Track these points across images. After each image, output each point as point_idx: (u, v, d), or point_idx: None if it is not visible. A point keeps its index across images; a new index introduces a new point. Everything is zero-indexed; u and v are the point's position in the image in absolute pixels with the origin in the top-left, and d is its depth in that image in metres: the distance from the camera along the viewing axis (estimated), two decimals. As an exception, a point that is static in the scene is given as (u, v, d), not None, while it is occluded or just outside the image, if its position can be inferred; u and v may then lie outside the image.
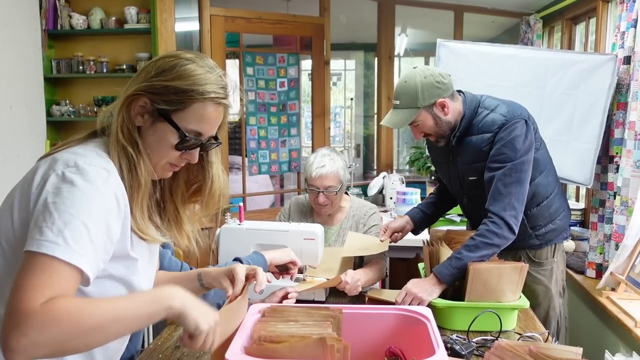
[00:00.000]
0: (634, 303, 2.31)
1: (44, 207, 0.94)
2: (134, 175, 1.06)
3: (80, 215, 0.93)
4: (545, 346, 1.29)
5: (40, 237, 0.90)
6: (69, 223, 0.92)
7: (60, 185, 0.96)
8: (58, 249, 0.89)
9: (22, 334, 0.83)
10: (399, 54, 5.81)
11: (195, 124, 1.09)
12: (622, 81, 2.53)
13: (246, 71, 3.93)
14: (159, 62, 1.10)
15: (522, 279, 1.78)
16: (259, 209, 4.53)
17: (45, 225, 0.91)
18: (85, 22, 3.59)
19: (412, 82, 1.92)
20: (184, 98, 1.07)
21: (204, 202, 1.22)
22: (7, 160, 3.02)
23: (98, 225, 0.96)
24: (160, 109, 1.07)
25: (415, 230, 2.28)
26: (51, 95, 3.64)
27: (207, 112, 1.09)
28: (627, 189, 2.38)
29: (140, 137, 1.08)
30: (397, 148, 5.92)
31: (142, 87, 1.07)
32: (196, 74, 1.08)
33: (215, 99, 1.09)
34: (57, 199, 0.94)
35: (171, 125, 1.08)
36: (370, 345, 1.31)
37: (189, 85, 1.07)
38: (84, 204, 0.95)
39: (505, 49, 2.84)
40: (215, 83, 1.09)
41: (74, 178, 0.97)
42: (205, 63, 1.11)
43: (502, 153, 1.89)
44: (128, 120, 1.07)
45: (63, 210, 0.93)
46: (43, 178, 0.99)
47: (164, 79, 1.07)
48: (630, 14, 2.44)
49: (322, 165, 2.22)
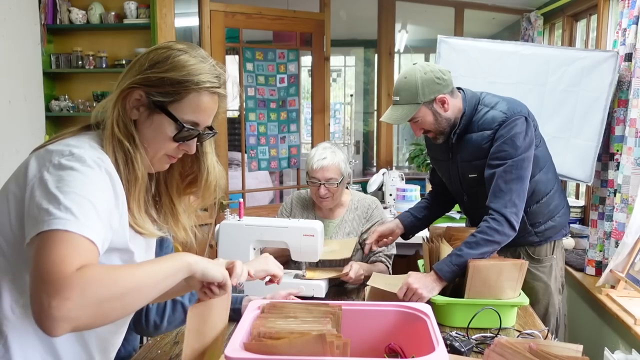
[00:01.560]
0: (634, 300, 2.31)
1: (46, 193, 0.93)
2: (130, 169, 1.06)
3: (86, 194, 0.94)
4: (545, 343, 1.29)
5: (49, 217, 0.90)
6: (75, 201, 0.92)
7: (59, 172, 0.96)
8: (69, 223, 0.89)
9: (65, 298, 0.83)
10: (399, 51, 5.80)
11: (192, 114, 1.09)
12: (623, 78, 2.53)
13: (246, 67, 3.92)
14: (151, 54, 1.09)
15: (522, 276, 1.78)
16: (258, 205, 4.53)
17: (52, 206, 0.91)
18: (85, 17, 3.58)
19: (412, 78, 1.91)
20: (180, 89, 1.07)
21: (200, 194, 1.23)
22: (6, 156, 3.02)
23: (102, 204, 0.97)
24: (156, 101, 1.07)
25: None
26: (50, 90, 3.63)
27: (203, 102, 1.09)
28: (628, 186, 2.38)
29: (136, 131, 1.08)
30: (396, 145, 5.92)
31: (136, 80, 1.07)
32: (190, 64, 1.08)
33: (210, 88, 1.09)
34: (60, 184, 0.94)
35: (168, 116, 1.08)
36: (369, 341, 1.31)
37: (184, 76, 1.07)
38: (87, 184, 0.95)
39: (506, 45, 2.83)
40: (209, 72, 1.09)
41: (72, 164, 0.97)
42: (197, 53, 1.11)
43: (503, 150, 1.89)
44: (124, 113, 1.07)
45: (67, 191, 0.93)
46: (39, 169, 0.98)
47: (158, 70, 1.06)
48: (632, 11, 2.43)
49: (323, 157, 2.24)
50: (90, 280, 0.86)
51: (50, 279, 0.84)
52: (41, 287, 0.84)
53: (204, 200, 1.24)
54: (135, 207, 1.08)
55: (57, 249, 0.87)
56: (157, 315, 1.58)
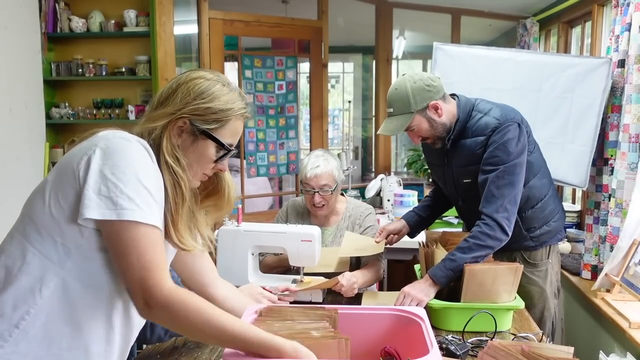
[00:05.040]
0: (629, 304, 2.33)
1: (104, 178, 1.03)
2: (177, 191, 1.15)
3: (141, 180, 1.05)
4: (538, 346, 1.31)
5: (116, 207, 1.02)
6: (134, 189, 1.04)
7: (110, 156, 1.05)
8: (136, 214, 1.03)
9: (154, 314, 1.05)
10: (397, 57, 5.84)
11: (231, 137, 1.22)
12: (617, 84, 2.55)
13: (244, 74, 3.95)
14: (190, 84, 1.19)
15: (517, 279, 1.80)
16: (257, 211, 4.55)
17: (115, 195, 1.02)
18: (85, 25, 3.61)
19: (402, 89, 1.95)
20: (222, 117, 1.19)
21: (220, 207, 1.32)
22: (6, 163, 3.03)
23: (156, 186, 1.09)
24: (204, 129, 1.17)
25: (411, 234, 2.31)
26: (50, 98, 3.66)
27: (238, 126, 1.23)
28: (622, 191, 2.40)
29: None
30: (395, 150, 5.95)
31: (186, 110, 1.16)
32: (225, 93, 1.20)
33: (244, 114, 1.23)
34: (115, 170, 1.04)
35: (214, 142, 1.19)
36: (365, 345, 1.33)
37: (225, 104, 1.19)
38: (138, 169, 1.05)
39: (501, 52, 2.86)
40: (239, 99, 1.22)
41: (120, 147, 1.06)
42: (225, 81, 1.23)
43: (495, 156, 1.91)
44: (171, 139, 1.16)
45: (125, 179, 1.03)
46: (86, 154, 1.06)
47: (203, 101, 1.17)
48: (624, 18, 2.46)
49: (316, 165, 2.26)
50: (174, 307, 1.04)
51: (147, 286, 1.03)
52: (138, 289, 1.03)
53: (222, 213, 1.34)
54: (182, 225, 1.17)
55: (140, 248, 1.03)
56: (163, 330, 1.61)
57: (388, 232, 2.21)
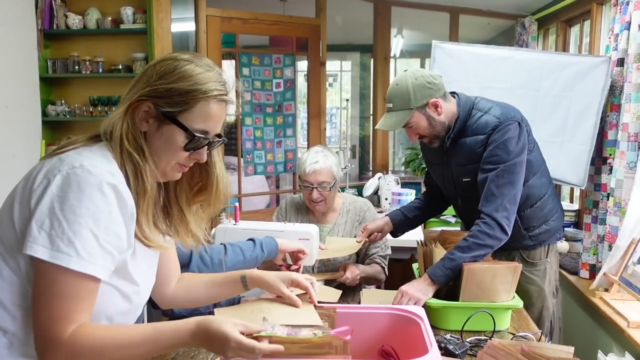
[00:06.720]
0: (627, 303, 2.33)
1: (51, 212, 0.97)
2: (139, 182, 1.08)
3: (88, 223, 0.98)
4: (538, 345, 1.30)
5: (52, 247, 0.96)
6: (78, 233, 0.97)
7: (66, 190, 0.98)
8: (72, 261, 0.96)
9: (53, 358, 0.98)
10: (395, 56, 5.83)
11: (201, 122, 1.11)
12: (616, 83, 2.55)
13: (242, 72, 3.93)
14: (157, 65, 1.11)
15: (516, 279, 1.79)
16: (254, 209, 4.54)
17: (55, 234, 0.96)
18: (81, 22, 3.59)
19: (403, 85, 1.94)
20: (188, 98, 1.08)
21: (210, 202, 1.24)
22: (2, 160, 3.01)
23: (106, 230, 1.00)
24: (166, 112, 1.08)
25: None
26: (47, 95, 3.64)
27: (212, 110, 1.11)
28: (621, 190, 2.39)
29: (145, 143, 1.10)
30: (392, 149, 5.94)
31: (145, 92, 1.08)
32: (196, 73, 1.09)
33: (218, 96, 1.11)
34: (65, 206, 0.97)
35: (178, 126, 1.09)
36: (363, 344, 1.32)
37: (192, 86, 1.08)
38: (91, 211, 0.98)
39: (500, 50, 2.86)
40: (216, 81, 1.11)
41: (80, 181, 0.99)
42: (203, 62, 1.13)
43: (495, 155, 1.91)
44: (133, 126, 1.08)
45: (72, 219, 0.97)
46: (46, 177, 1.00)
47: (166, 82, 1.08)
48: (623, 17, 2.46)
49: (315, 161, 2.25)
50: (77, 352, 0.97)
51: (44, 337, 0.97)
52: (39, 337, 0.98)
53: (213, 209, 1.24)
54: (144, 219, 1.10)
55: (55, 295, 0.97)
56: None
57: (370, 230, 2.20)
